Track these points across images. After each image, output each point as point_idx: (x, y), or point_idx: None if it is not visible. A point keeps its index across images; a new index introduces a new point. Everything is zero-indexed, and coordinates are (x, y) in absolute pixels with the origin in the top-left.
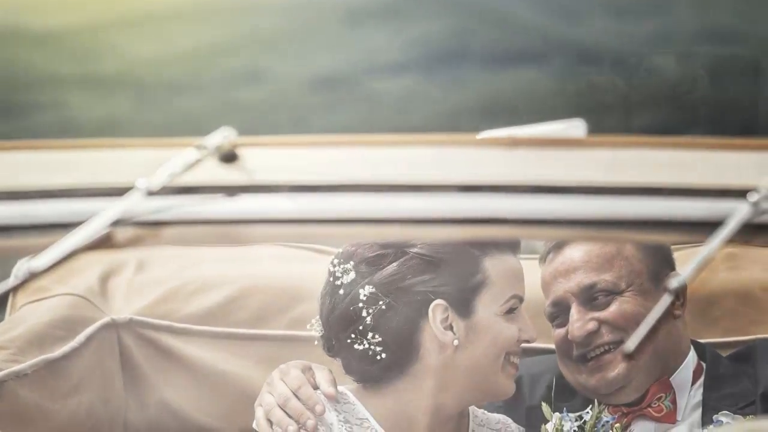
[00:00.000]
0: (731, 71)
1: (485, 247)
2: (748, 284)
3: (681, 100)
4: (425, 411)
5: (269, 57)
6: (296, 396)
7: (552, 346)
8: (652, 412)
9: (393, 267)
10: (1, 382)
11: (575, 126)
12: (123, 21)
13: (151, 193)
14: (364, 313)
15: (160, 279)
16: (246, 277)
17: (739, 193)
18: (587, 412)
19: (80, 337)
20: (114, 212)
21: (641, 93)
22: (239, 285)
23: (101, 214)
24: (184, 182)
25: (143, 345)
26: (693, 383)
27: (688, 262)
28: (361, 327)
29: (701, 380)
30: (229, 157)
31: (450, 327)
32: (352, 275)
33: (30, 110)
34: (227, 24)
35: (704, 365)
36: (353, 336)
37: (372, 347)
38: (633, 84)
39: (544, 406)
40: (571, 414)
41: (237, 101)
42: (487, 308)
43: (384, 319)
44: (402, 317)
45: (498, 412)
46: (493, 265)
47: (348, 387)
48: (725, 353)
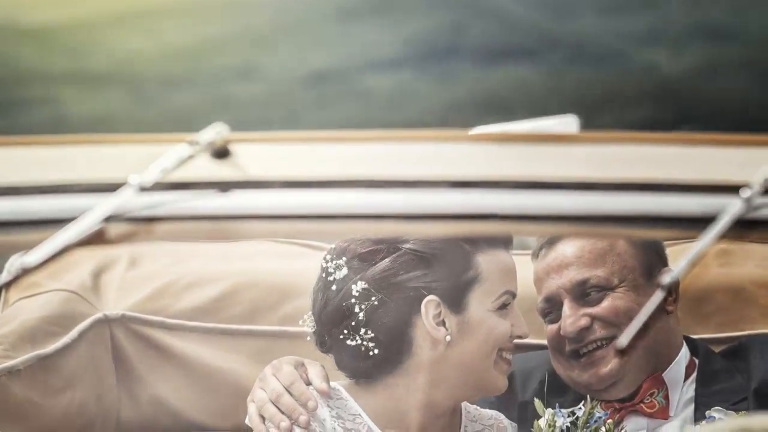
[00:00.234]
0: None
1: (478, 243)
2: (741, 280)
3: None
4: (418, 407)
5: (262, 53)
6: (289, 392)
7: (544, 342)
8: (645, 408)
9: (385, 263)
10: None
11: (568, 122)
12: (115, 17)
13: (144, 189)
14: (357, 309)
15: (153, 275)
16: (238, 273)
17: (732, 189)
18: (580, 408)
19: (73, 333)
20: (106, 208)
21: (634, 89)
22: (232, 281)
23: (94, 210)
24: (177, 178)
25: (136, 341)
26: (686, 379)
27: (681, 258)
28: (354, 323)
29: (694, 376)
30: (222, 153)
31: (442, 323)
32: (345, 271)
33: (22, 106)
34: (220, 20)
35: (697, 361)
36: (346, 332)
37: (364, 343)
38: (625, 80)
39: (537, 402)
40: (564, 410)
41: (230, 97)
42: (480, 304)
43: (376, 315)
44: (394, 313)
45: (491, 408)
46: (486, 261)
47: (340, 383)
48: (718, 349)
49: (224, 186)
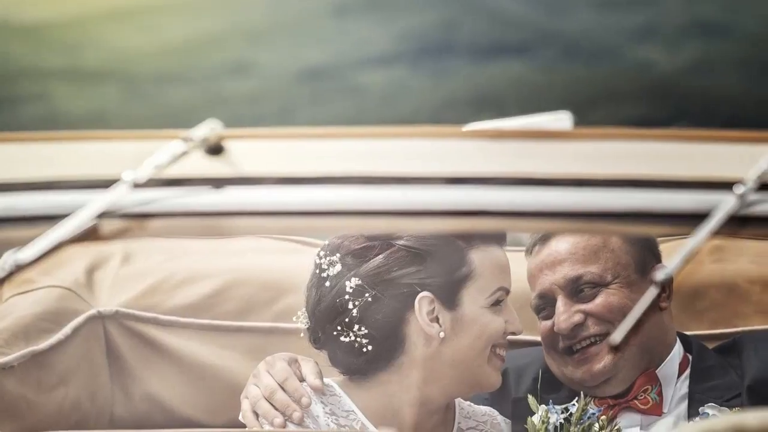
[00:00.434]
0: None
1: (471, 240)
2: (735, 276)
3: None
4: (411, 403)
5: (256, 49)
6: (282, 388)
7: (538, 339)
8: (638, 405)
9: (379, 259)
10: None
11: (561, 118)
12: (108, 13)
13: (137, 186)
14: (350, 306)
15: (147, 271)
16: (232, 270)
17: (726, 185)
18: (573, 405)
19: (66, 330)
20: (100, 204)
21: (627, 85)
22: (225, 277)
23: (87, 206)
24: (170, 174)
25: (129, 337)
26: (679, 375)
27: (675, 254)
28: (347, 319)
29: (687, 372)
30: (216, 150)
31: (436, 319)
32: (338, 267)
33: (15, 103)
34: (214, 16)
35: (690, 357)
36: (339, 328)
37: (358, 339)
38: (619, 76)
39: (531, 399)
40: (557, 406)
41: (223, 93)
42: (474, 300)
43: (370, 312)
44: (388, 309)
45: (484, 405)
46: (480, 258)
47: (334, 379)
48: (711, 345)
49: (218, 182)
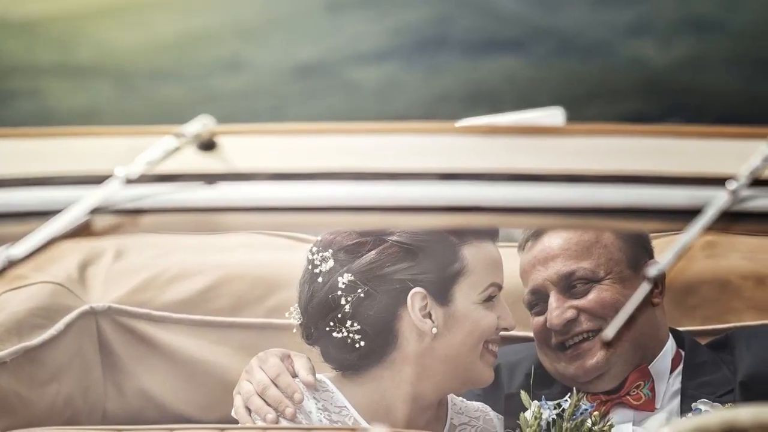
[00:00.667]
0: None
1: (464, 235)
2: (727, 272)
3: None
4: (404, 399)
5: (249, 45)
6: (275, 384)
7: (531, 334)
8: (631, 400)
9: (372, 255)
10: None
11: (554, 114)
12: (101, 9)
13: (130, 181)
14: (343, 301)
15: (139, 267)
16: (225, 265)
17: (718, 181)
18: (566, 400)
19: (59, 325)
20: (93, 200)
21: (621, 81)
22: (218, 273)
23: (80, 202)
24: (163, 170)
25: (122, 333)
26: (672, 371)
27: (667, 250)
28: (340, 315)
29: (680, 368)
30: (208, 145)
31: (429, 315)
32: (331, 263)
33: (8, 98)
34: (207, 13)
35: (683, 353)
36: (332, 324)
37: (350, 335)
38: (612, 72)
39: (523, 394)
40: (550, 402)
41: (216, 89)
42: (466, 296)
43: (362, 307)
44: (381, 305)
45: (477, 400)
46: (472, 254)
47: (327, 375)
48: (704, 341)
49: (210, 178)
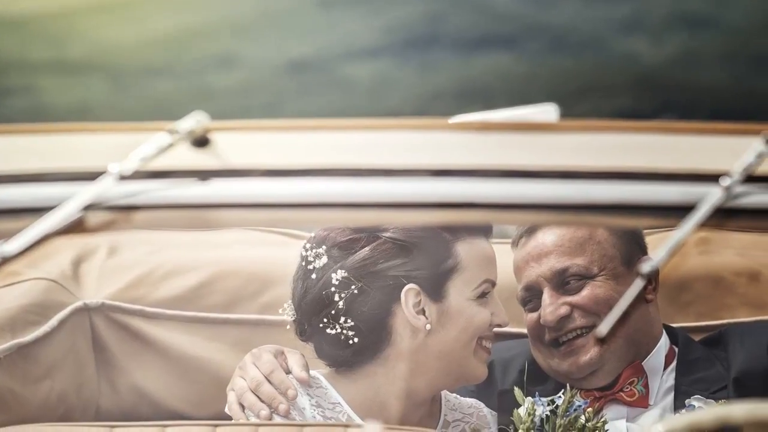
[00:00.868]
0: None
1: (458, 232)
2: (721, 269)
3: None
4: (397, 395)
5: (242, 42)
6: (268, 380)
7: (524, 331)
8: (625, 397)
9: (365, 251)
10: None
11: (547, 110)
12: (95, 5)
13: (124, 178)
14: (337, 298)
15: (133, 263)
16: (218, 262)
17: (712, 178)
18: (559, 397)
19: (52, 322)
20: (86, 197)
21: (614, 77)
22: (211, 269)
23: (73, 199)
24: (157, 167)
25: (115, 329)
26: (665, 368)
27: (661, 247)
28: (334, 311)
29: (673, 365)
30: (202, 142)
31: (422, 311)
32: (325, 260)
33: (1, 95)
34: (201, 9)
35: (676, 349)
36: (325, 320)
37: (344, 332)
38: (605, 69)
39: (517, 391)
40: (544, 398)
41: (210, 86)
42: (460, 293)
43: (356, 304)
44: (374, 302)
45: (470, 397)
46: (466, 250)
47: (320, 371)
48: (698, 337)
49: (204, 174)
